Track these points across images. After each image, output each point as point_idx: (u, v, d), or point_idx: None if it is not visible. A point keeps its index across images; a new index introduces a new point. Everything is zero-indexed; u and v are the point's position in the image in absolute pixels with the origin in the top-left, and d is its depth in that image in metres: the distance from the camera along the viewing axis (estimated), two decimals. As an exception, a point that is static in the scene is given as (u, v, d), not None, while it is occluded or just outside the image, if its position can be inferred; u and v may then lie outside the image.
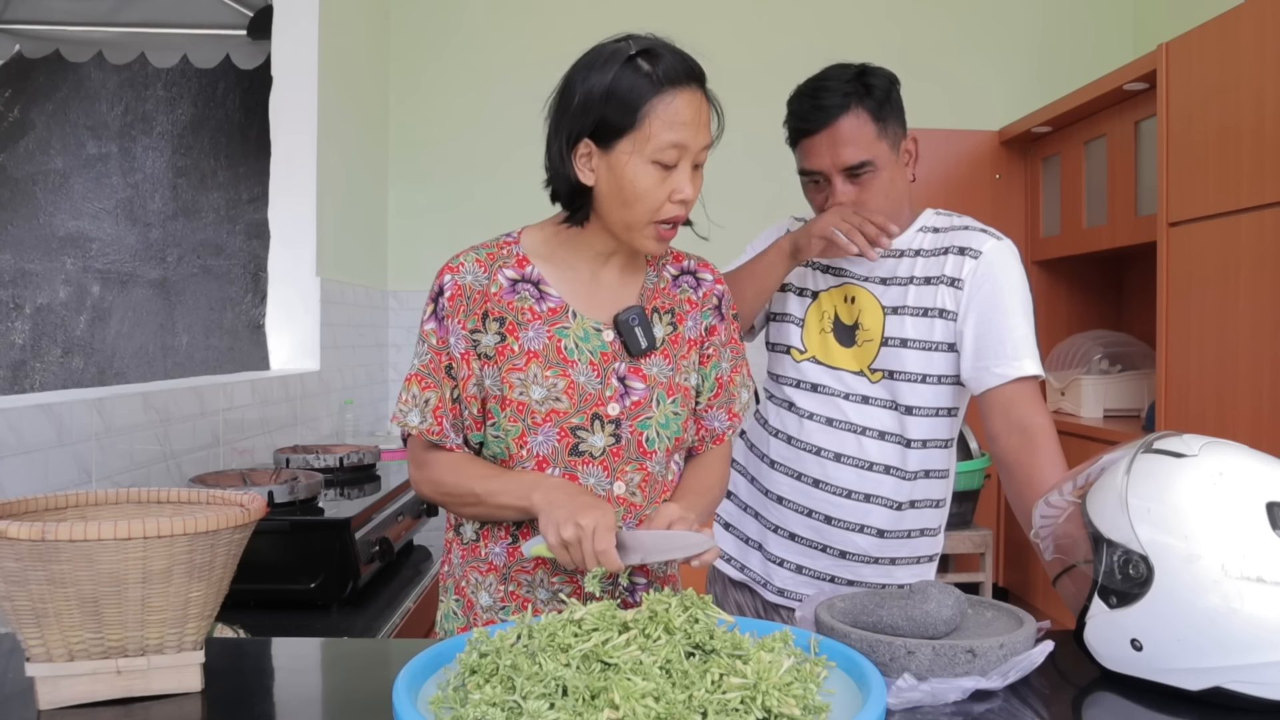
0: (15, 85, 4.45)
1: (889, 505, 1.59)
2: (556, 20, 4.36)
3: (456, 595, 1.38)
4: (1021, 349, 1.51)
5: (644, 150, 1.22)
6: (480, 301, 1.31)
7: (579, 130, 1.25)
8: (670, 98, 1.22)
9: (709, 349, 1.40)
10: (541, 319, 1.31)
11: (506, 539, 1.33)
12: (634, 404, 1.32)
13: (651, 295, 1.37)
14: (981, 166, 4.31)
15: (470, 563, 1.36)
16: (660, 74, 1.23)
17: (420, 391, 1.31)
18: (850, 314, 1.61)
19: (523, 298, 1.32)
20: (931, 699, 0.98)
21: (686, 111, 1.23)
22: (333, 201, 3.37)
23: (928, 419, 1.58)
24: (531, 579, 1.32)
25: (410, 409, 1.32)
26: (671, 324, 1.37)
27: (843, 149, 1.53)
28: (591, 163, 1.26)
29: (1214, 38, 2.90)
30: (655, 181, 1.24)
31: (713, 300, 1.41)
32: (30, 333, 4.48)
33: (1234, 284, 2.81)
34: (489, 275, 1.33)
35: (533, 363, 1.29)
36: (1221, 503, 0.99)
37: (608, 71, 1.24)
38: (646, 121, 1.22)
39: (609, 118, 1.23)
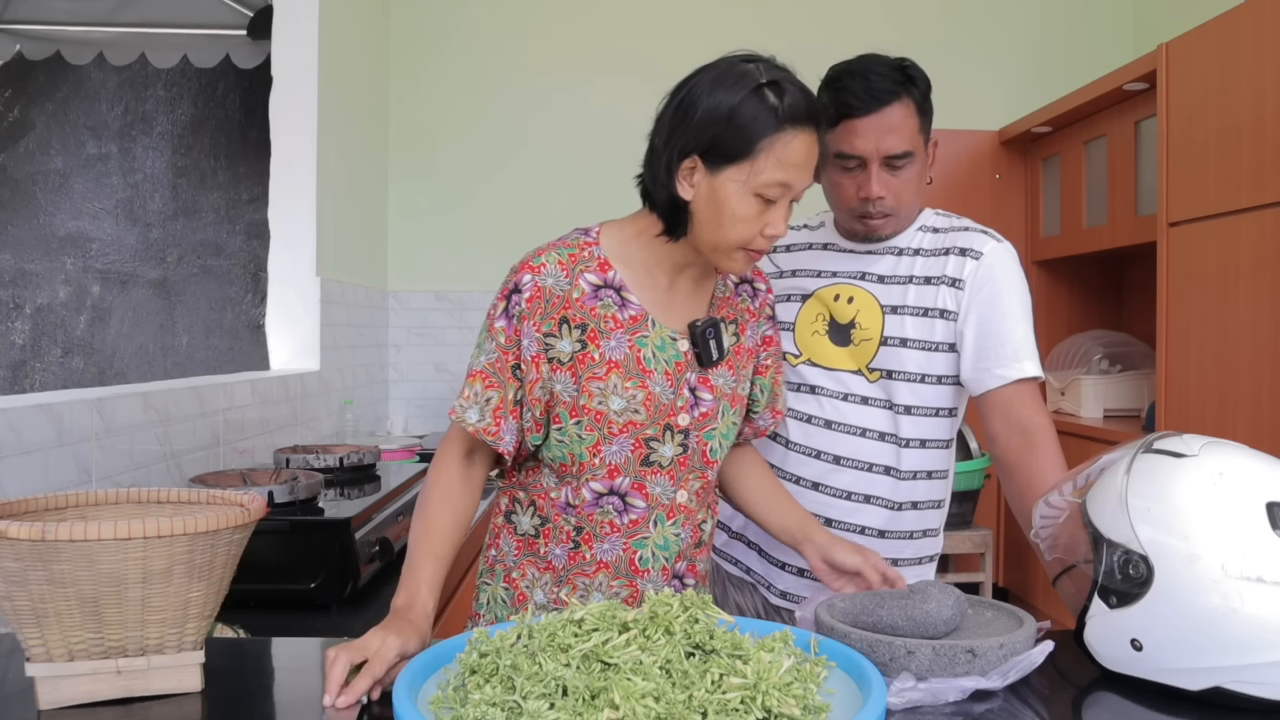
0: (15, 85, 4.45)
1: (889, 506, 1.58)
2: (556, 20, 4.36)
3: (506, 584, 1.38)
4: (1022, 350, 1.52)
5: (752, 182, 1.21)
6: (559, 306, 1.29)
7: (691, 145, 1.23)
8: (789, 138, 1.20)
9: (766, 359, 1.45)
10: (623, 328, 1.30)
11: (568, 543, 1.34)
12: (702, 415, 1.34)
13: (720, 305, 1.39)
14: (981, 166, 4.31)
15: (526, 556, 1.37)
16: (784, 110, 1.20)
17: (483, 389, 1.28)
18: (846, 313, 1.61)
19: (605, 305, 1.30)
20: (931, 699, 0.98)
21: (801, 153, 1.22)
22: (333, 201, 3.37)
23: (927, 419, 1.58)
24: (590, 582, 1.33)
25: (470, 405, 1.28)
26: (735, 334, 1.39)
27: (889, 135, 1.50)
28: (694, 179, 1.24)
29: (1214, 38, 2.90)
30: (754, 214, 1.23)
31: (767, 310, 1.45)
32: (30, 333, 4.48)
33: (1234, 284, 2.81)
34: (570, 279, 1.30)
35: (613, 373, 1.28)
36: (1221, 503, 0.99)
37: (734, 94, 1.20)
38: (761, 156, 1.20)
39: (724, 142, 1.21)
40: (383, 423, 4.11)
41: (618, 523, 1.32)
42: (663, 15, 4.30)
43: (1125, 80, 3.40)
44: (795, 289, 1.67)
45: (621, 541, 1.33)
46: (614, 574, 1.33)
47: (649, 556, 1.34)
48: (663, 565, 1.35)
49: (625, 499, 1.31)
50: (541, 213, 4.32)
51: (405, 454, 3.13)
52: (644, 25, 4.26)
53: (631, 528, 1.32)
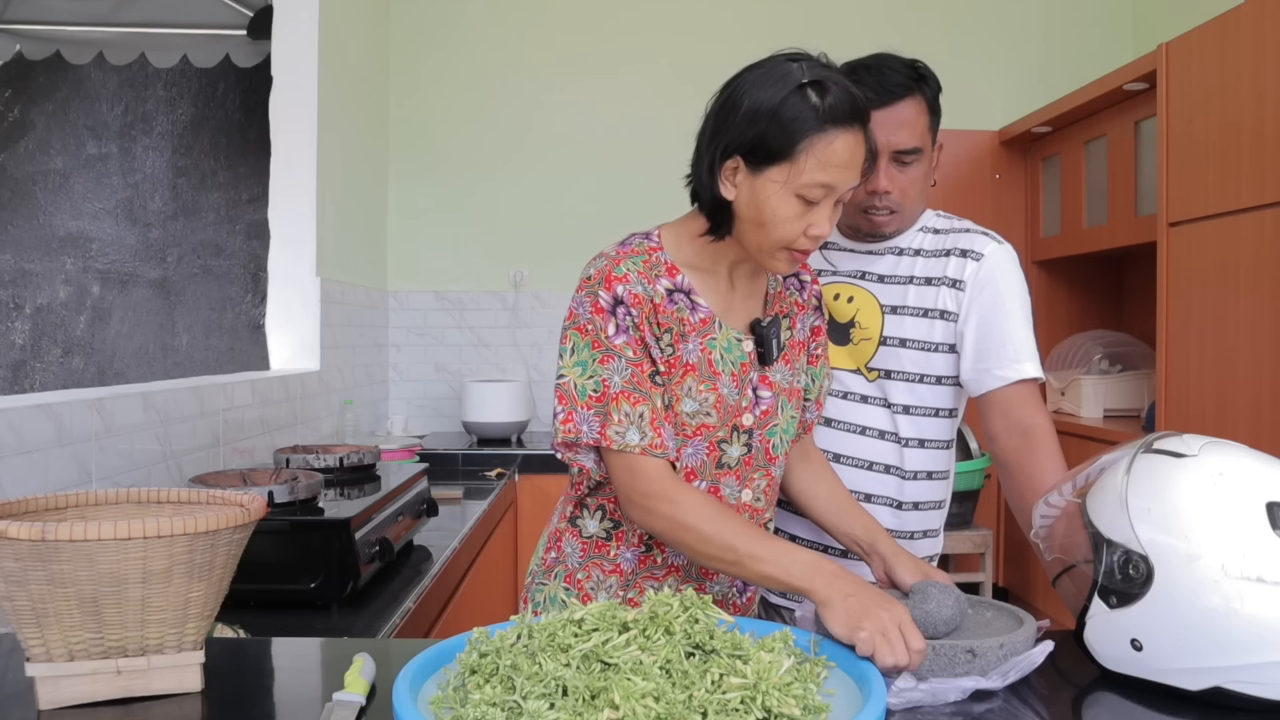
0: (15, 85, 4.45)
1: (890, 505, 1.59)
2: (556, 19, 4.36)
3: (567, 584, 1.37)
4: (1022, 351, 1.52)
5: (793, 183, 1.20)
6: (653, 311, 1.27)
7: (733, 146, 1.22)
8: (831, 138, 1.19)
9: (817, 349, 1.46)
10: (696, 330, 1.29)
11: (639, 546, 1.34)
12: (763, 413, 1.35)
13: (774, 301, 1.40)
14: (981, 166, 4.32)
15: (592, 559, 1.37)
16: (826, 109, 1.18)
17: (632, 408, 1.23)
18: (846, 312, 1.61)
19: (680, 309, 1.29)
20: (931, 699, 0.98)
21: (844, 154, 1.20)
22: (333, 201, 3.37)
23: (926, 419, 1.58)
24: (658, 586, 1.33)
25: (628, 428, 1.23)
26: (788, 329, 1.40)
27: (900, 130, 1.51)
28: (736, 178, 1.24)
29: (1214, 38, 2.90)
30: (795, 214, 1.22)
31: (813, 301, 1.46)
32: (30, 333, 4.48)
33: (1234, 284, 2.81)
34: (651, 285, 1.28)
35: (689, 375, 1.28)
36: (1221, 503, 0.99)
37: (776, 94, 1.19)
38: (802, 157, 1.19)
39: (767, 142, 1.20)
40: (383, 423, 4.11)
41: None
42: (663, 15, 4.30)
43: (1125, 80, 3.40)
44: None
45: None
46: (684, 577, 1.34)
47: None
48: None
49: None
50: (542, 212, 4.33)
51: (405, 454, 3.13)
52: (644, 25, 4.26)
53: None
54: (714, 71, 1.34)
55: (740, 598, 1.44)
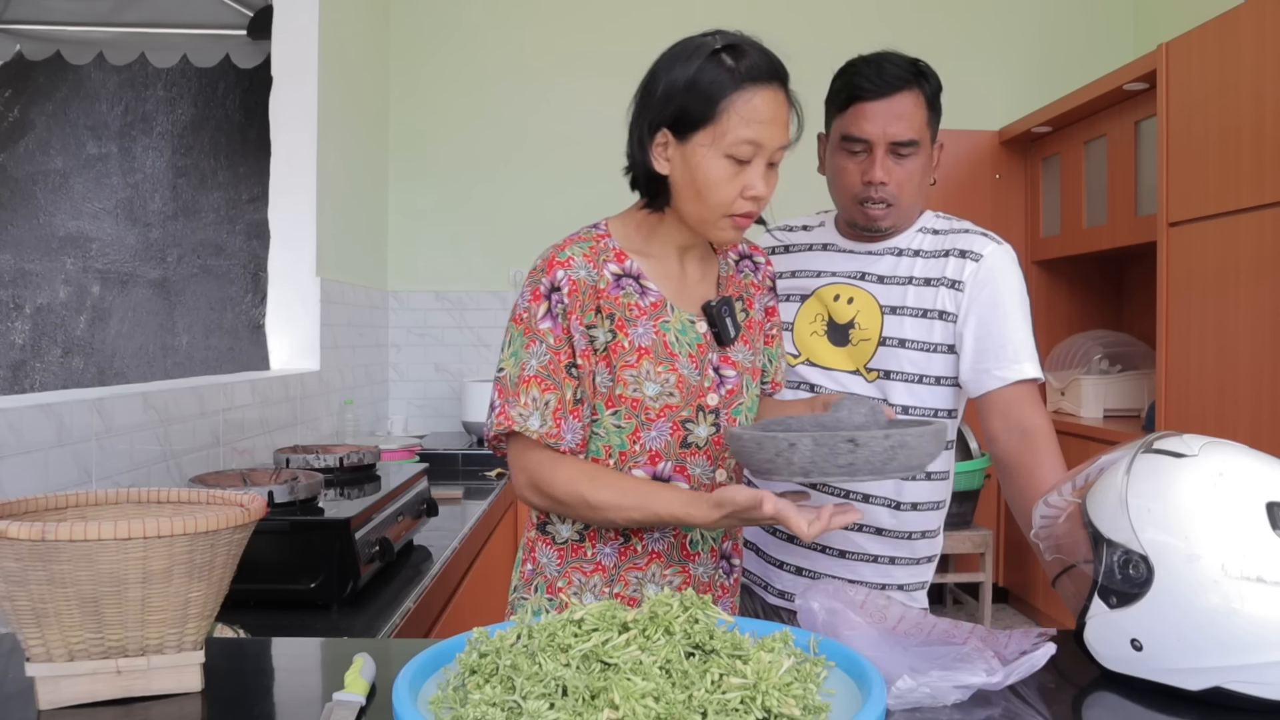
0: (15, 85, 4.45)
1: (888, 505, 1.59)
2: (556, 20, 4.36)
3: (550, 595, 1.37)
4: (1022, 352, 1.52)
5: (719, 144, 1.23)
6: (594, 297, 1.30)
7: (658, 119, 1.26)
8: (750, 94, 1.22)
9: (772, 329, 1.49)
10: (646, 314, 1.32)
11: (617, 539, 1.34)
12: (729, 392, 1.36)
13: (727, 283, 1.42)
14: (981, 166, 4.32)
15: (571, 563, 1.36)
16: (742, 70, 1.23)
17: (541, 394, 1.27)
18: (845, 313, 1.61)
19: (628, 293, 1.32)
20: (932, 700, 0.98)
21: (765, 109, 1.23)
22: (333, 201, 3.37)
23: (925, 419, 1.59)
24: (642, 575, 1.34)
25: (531, 413, 1.27)
26: (744, 310, 1.42)
27: (898, 121, 1.52)
28: (668, 152, 1.27)
29: (1214, 38, 2.90)
30: (727, 176, 1.24)
31: (768, 282, 1.48)
32: (30, 333, 4.48)
33: (1234, 284, 2.81)
34: (597, 270, 1.31)
35: (645, 359, 1.30)
36: (1221, 503, 0.99)
37: (691, 64, 1.24)
38: (724, 116, 1.22)
39: (688, 109, 1.24)
40: (383, 423, 4.11)
41: None
42: (662, 17, 4.30)
43: (1125, 80, 3.40)
44: (795, 289, 1.67)
45: (671, 529, 1.34)
46: (667, 562, 1.35)
47: (699, 539, 1.37)
48: (712, 546, 1.39)
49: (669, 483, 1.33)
50: (541, 212, 4.33)
51: (405, 454, 3.13)
52: (644, 27, 4.26)
53: None
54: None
55: (727, 579, 1.44)
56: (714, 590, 1.39)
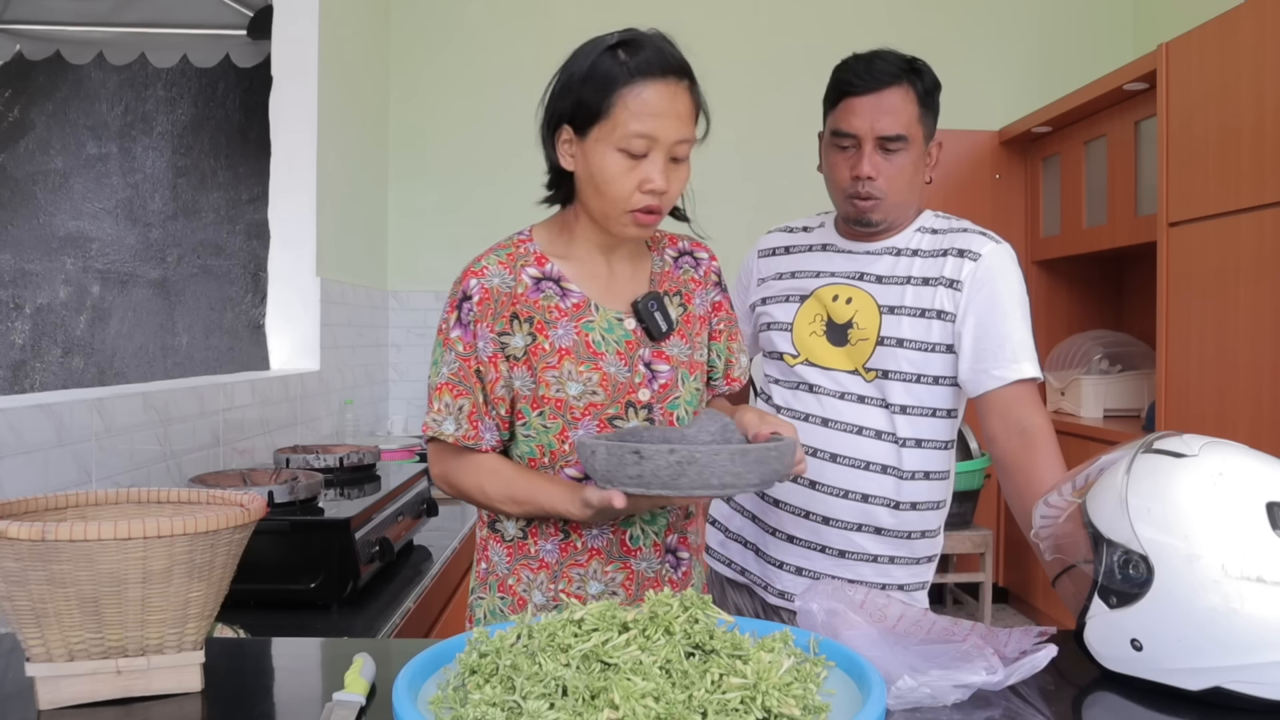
0: (15, 85, 4.45)
1: (887, 505, 1.58)
2: (556, 20, 4.36)
3: (501, 593, 1.38)
4: (1020, 352, 1.52)
5: (612, 138, 1.24)
6: (508, 303, 1.32)
7: (558, 115, 1.29)
8: (640, 88, 1.23)
9: (718, 324, 1.46)
10: (567, 315, 1.33)
11: (557, 535, 1.35)
12: (662, 386, 1.35)
13: (660, 279, 1.41)
14: (981, 166, 4.32)
15: (519, 561, 1.37)
16: (634, 64, 1.24)
17: (453, 400, 1.32)
18: (844, 313, 1.61)
19: (547, 296, 1.33)
20: (932, 700, 0.98)
21: (658, 103, 1.24)
22: (333, 201, 3.37)
23: (924, 419, 1.58)
24: (584, 572, 1.34)
25: (445, 418, 1.32)
26: (682, 305, 1.41)
27: (885, 116, 1.53)
28: (571, 149, 1.30)
29: (1214, 38, 2.90)
30: (622, 170, 1.25)
31: (713, 277, 1.46)
32: (30, 333, 4.48)
33: (1234, 284, 2.81)
34: (514, 276, 1.33)
35: (566, 359, 1.31)
36: (1221, 503, 0.99)
37: (588, 59, 1.27)
38: (615, 110, 1.23)
39: (584, 104, 1.25)
40: (383, 423, 4.11)
41: None
42: (663, 16, 4.29)
43: (1125, 80, 3.40)
44: (794, 290, 1.67)
45: (610, 525, 1.34)
46: (607, 559, 1.35)
47: (639, 534, 1.36)
48: (654, 541, 1.37)
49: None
50: (541, 213, 4.32)
51: (405, 454, 3.13)
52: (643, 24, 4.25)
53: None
54: (714, 74, 1.35)
55: (675, 573, 1.41)
56: (660, 584, 1.38)
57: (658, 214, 1.29)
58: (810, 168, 1.71)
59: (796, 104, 4.18)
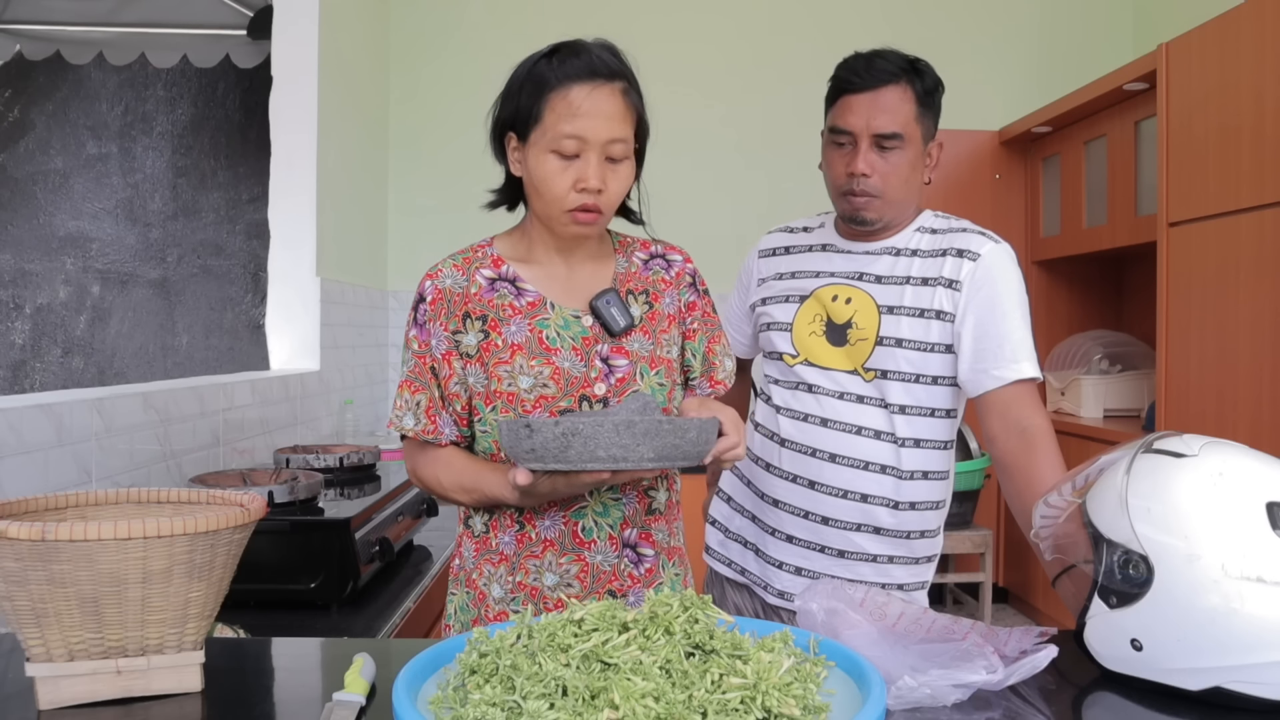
0: (15, 85, 4.45)
1: (886, 505, 1.58)
2: (556, 20, 4.35)
3: (468, 588, 1.41)
4: (1020, 351, 1.51)
5: (545, 140, 1.28)
6: (461, 303, 1.36)
7: (503, 122, 1.34)
8: (567, 91, 1.27)
9: (692, 324, 1.44)
10: (521, 313, 1.35)
11: (514, 527, 1.36)
12: (619, 380, 1.35)
13: (624, 279, 1.41)
14: (981, 166, 4.32)
15: (483, 555, 1.39)
16: (562, 69, 1.28)
17: (411, 395, 1.37)
18: (843, 314, 1.61)
19: (501, 295, 1.36)
20: (932, 700, 0.98)
21: (583, 104, 1.27)
22: (333, 201, 3.37)
23: (923, 419, 1.58)
24: (539, 563, 1.35)
25: (405, 413, 1.38)
26: (648, 303, 1.41)
27: (881, 114, 1.53)
28: (517, 155, 1.34)
29: (1214, 38, 2.90)
30: (557, 170, 1.28)
31: (686, 278, 1.45)
32: (30, 333, 4.48)
33: (1234, 284, 2.81)
34: (467, 277, 1.38)
35: (518, 355, 1.33)
36: (1221, 503, 0.99)
37: (525, 68, 1.32)
38: (547, 113, 1.28)
39: (521, 109, 1.30)
40: (383, 423, 4.11)
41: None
42: (663, 16, 4.30)
43: (1125, 80, 3.40)
44: (794, 290, 1.67)
45: (561, 515, 1.35)
46: (560, 550, 1.35)
47: (591, 526, 1.36)
48: (609, 534, 1.36)
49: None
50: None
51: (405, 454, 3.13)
52: (645, 26, 4.26)
53: (566, 500, 1.34)
54: (714, 75, 1.35)
55: (636, 569, 1.38)
56: (620, 580, 1.36)
57: (596, 213, 1.30)
58: (814, 167, 1.71)
59: (796, 104, 4.18)
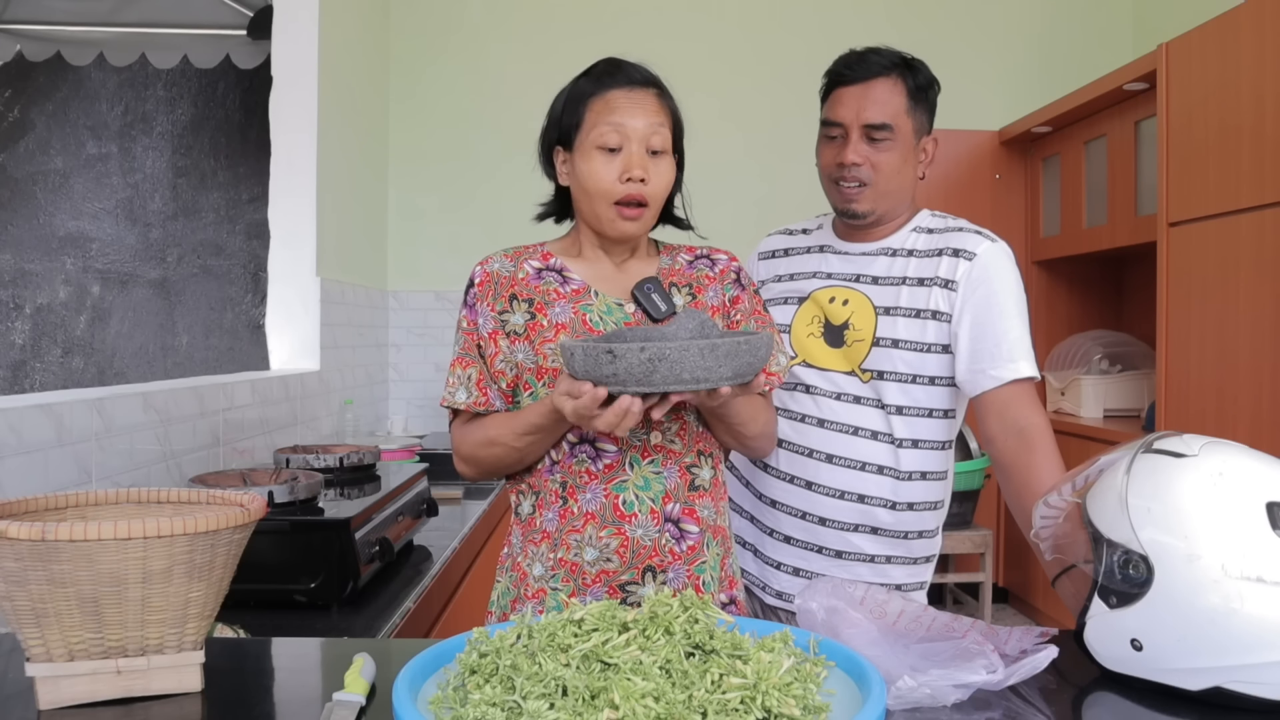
0: (15, 85, 4.45)
1: (884, 505, 1.58)
2: (555, 20, 4.36)
3: (513, 571, 1.44)
4: (1017, 351, 1.51)
5: (590, 140, 1.37)
6: (507, 285, 1.43)
7: (552, 139, 1.43)
8: (604, 93, 1.38)
9: (736, 315, 1.48)
10: (566, 298, 1.42)
11: (557, 503, 1.39)
12: None
13: (668, 274, 1.46)
14: (981, 166, 4.32)
15: (528, 537, 1.42)
16: (600, 82, 1.39)
17: (463, 371, 1.43)
18: (840, 315, 1.61)
19: (547, 282, 1.43)
20: (932, 700, 0.98)
21: (621, 101, 1.37)
22: (333, 201, 3.37)
23: (920, 419, 1.58)
24: (580, 538, 1.37)
25: (457, 388, 1.43)
26: (690, 295, 1.45)
27: (871, 105, 1.56)
28: (565, 166, 1.43)
29: (1214, 38, 2.90)
30: (603, 164, 1.36)
31: (730, 275, 1.49)
32: (30, 333, 4.48)
33: (1234, 284, 2.81)
34: (515, 265, 1.45)
35: (562, 334, 1.39)
36: (1221, 503, 0.99)
37: (566, 89, 1.43)
38: (589, 115, 1.37)
39: (565, 121, 1.40)
40: (383, 423, 4.11)
41: (593, 469, 1.37)
42: (663, 16, 4.30)
43: (1125, 80, 3.40)
44: (792, 292, 1.68)
45: (602, 488, 1.37)
46: (601, 523, 1.36)
47: (633, 499, 1.37)
48: (650, 508, 1.37)
49: (595, 445, 1.37)
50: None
51: (405, 454, 3.13)
52: (645, 26, 4.26)
53: (608, 472, 1.37)
54: (715, 74, 1.36)
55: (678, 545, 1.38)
56: (660, 555, 1.36)
57: (641, 206, 1.36)
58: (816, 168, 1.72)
59: (797, 104, 4.18)
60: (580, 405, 1.22)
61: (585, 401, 1.21)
